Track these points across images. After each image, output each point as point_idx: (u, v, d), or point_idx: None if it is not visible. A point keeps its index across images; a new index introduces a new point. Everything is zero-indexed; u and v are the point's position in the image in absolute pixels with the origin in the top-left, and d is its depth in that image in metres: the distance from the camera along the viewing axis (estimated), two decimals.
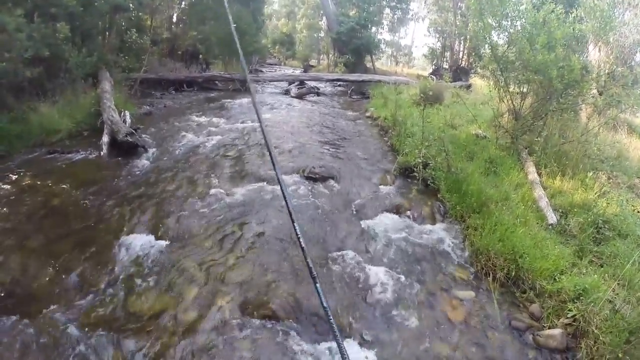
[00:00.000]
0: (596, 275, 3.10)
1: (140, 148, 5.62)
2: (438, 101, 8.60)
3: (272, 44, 29.41)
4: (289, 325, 2.73)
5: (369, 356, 2.57)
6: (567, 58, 5.19)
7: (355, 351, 2.57)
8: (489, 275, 3.42)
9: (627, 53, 7.17)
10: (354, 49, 15.91)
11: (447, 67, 17.19)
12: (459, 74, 15.25)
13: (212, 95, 11.28)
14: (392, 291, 3.16)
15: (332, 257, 3.49)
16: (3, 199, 4.03)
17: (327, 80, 14.29)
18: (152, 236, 3.55)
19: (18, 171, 4.67)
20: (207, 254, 3.41)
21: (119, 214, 3.92)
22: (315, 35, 26.70)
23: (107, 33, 8.93)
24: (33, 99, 6.09)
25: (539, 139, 5.62)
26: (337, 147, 6.48)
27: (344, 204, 4.49)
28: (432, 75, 14.95)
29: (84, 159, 5.29)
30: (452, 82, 11.37)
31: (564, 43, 5.29)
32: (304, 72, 18.85)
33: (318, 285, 1.15)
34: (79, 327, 2.58)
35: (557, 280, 3.15)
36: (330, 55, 20.68)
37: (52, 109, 6.14)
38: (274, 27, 32.44)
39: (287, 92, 12.39)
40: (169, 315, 2.73)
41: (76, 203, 4.08)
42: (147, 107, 8.43)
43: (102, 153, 5.45)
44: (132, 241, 3.44)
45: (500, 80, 6.17)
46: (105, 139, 5.64)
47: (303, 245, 1.26)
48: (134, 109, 7.37)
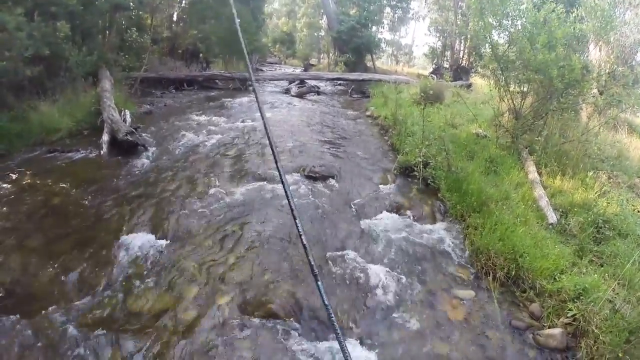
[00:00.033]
0: (596, 275, 3.10)
1: (141, 147, 5.62)
2: (438, 100, 8.59)
3: (272, 42, 29.38)
4: (289, 325, 2.73)
5: (369, 356, 2.57)
6: (567, 57, 5.18)
7: (355, 351, 2.57)
8: (489, 275, 3.42)
9: (627, 52, 7.16)
10: (355, 48, 15.88)
11: (447, 66, 17.17)
12: (460, 73, 15.24)
13: (212, 94, 11.27)
14: (392, 291, 3.17)
15: (332, 256, 3.49)
16: (3, 198, 4.04)
17: (328, 79, 14.26)
18: (152, 235, 3.56)
19: (18, 170, 4.67)
20: (207, 253, 3.41)
21: (119, 213, 3.92)
22: (315, 34, 26.65)
23: (107, 32, 8.92)
24: (33, 98, 6.08)
25: (540, 138, 5.62)
26: (338, 146, 6.48)
27: (344, 203, 4.49)
28: (433, 75, 14.93)
29: (84, 158, 5.29)
30: (452, 81, 11.36)
31: (564, 42, 5.28)
32: (304, 71, 18.85)
33: (320, 283, 1.15)
34: (78, 327, 2.59)
35: (557, 279, 3.15)
36: (331, 54, 20.64)
37: (52, 107, 6.14)
38: (274, 26, 32.37)
39: (287, 91, 12.38)
40: (169, 315, 2.73)
41: (76, 202, 4.08)
42: (148, 106, 8.42)
43: (102, 152, 5.45)
44: (132, 241, 3.44)
45: (501, 80, 6.16)
46: (105, 137, 5.64)
47: (305, 243, 1.26)
48: (134, 108, 7.37)
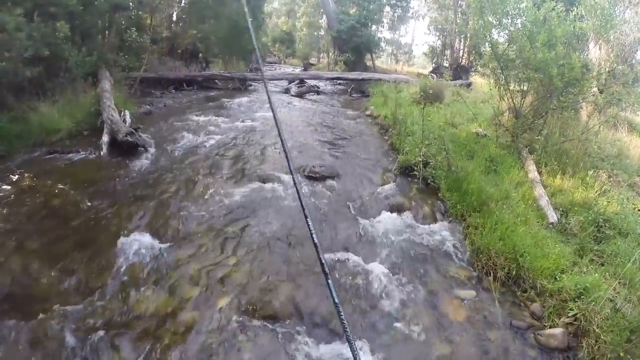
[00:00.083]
0: (597, 274, 3.10)
1: (141, 148, 5.60)
2: (438, 100, 8.59)
3: (272, 42, 29.39)
4: (290, 327, 2.73)
5: (370, 357, 2.57)
6: (567, 56, 5.18)
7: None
8: (490, 275, 3.42)
9: (627, 51, 7.15)
10: (354, 47, 15.87)
11: (447, 65, 17.18)
12: (459, 72, 15.24)
13: (211, 94, 11.26)
14: (393, 291, 3.17)
15: (333, 256, 3.49)
16: (3, 200, 4.03)
17: (327, 79, 14.26)
18: (152, 237, 3.54)
19: (18, 171, 4.66)
20: (207, 255, 3.40)
21: (119, 214, 3.92)
22: (315, 33, 26.67)
23: (106, 32, 8.90)
24: (33, 99, 6.06)
25: (540, 137, 5.61)
26: (337, 146, 6.48)
27: (345, 203, 4.49)
28: (432, 74, 14.95)
29: (84, 159, 5.28)
30: (452, 80, 11.36)
31: (564, 41, 5.28)
32: (304, 70, 18.87)
33: (330, 282, 1.15)
34: (78, 329, 2.58)
35: (558, 279, 3.15)
36: (330, 54, 20.63)
37: (52, 108, 6.12)
38: (274, 25, 32.36)
39: (287, 91, 12.38)
40: (169, 318, 2.73)
41: (76, 203, 4.07)
42: (147, 107, 8.40)
43: (102, 153, 5.43)
44: (132, 242, 3.43)
45: (501, 79, 6.16)
46: (105, 138, 5.63)
47: (316, 241, 1.26)
48: (133, 108, 7.35)
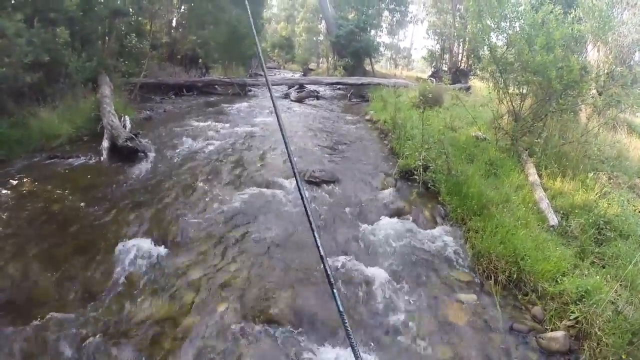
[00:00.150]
0: (598, 277, 3.09)
1: (141, 153, 5.61)
2: (437, 104, 8.63)
3: (271, 47, 29.53)
4: (292, 332, 2.72)
5: (371, 359, 2.56)
6: (566, 59, 5.19)
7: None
8: (491, 278, 3.41)
9: (626, 53, 7.16)
10: (353, 52, 15.94)
11: (446, 69, 17.23)
12: (458, 76, 15.27)
13: (211, 99, 11.29)
14: (394, 295, 3.15)
15: (333, 261, 3.48)
16: (3, 205, 4.03)
17: (327, 84, 14.30)
18: (152, 242, 3.54)
19: (18, 176, 4.67)
20: (207, 259, 3.40)
21: (119, 219, 3.91)
22: (314, 38, 26.80)
23: (106, 38, 8.95)
24: (33, 104, 6.08)
25: (539, 140, 5.61)
26: (338, 151, 6.48)
27: (345, 208, 4.48)
28: (432, 78, 14.98)
29: (84, 164, 5.28)
30: (451, 84, 11.39)
31: (562, 44, 5.29)
32: (304, 75, 18.92)
33: (335, 291, 1.18)
34: (78, 334, 2.57)
35: (559, 282, 3.14)
36: (330, 59, 20.72)
37: (52, 114, 6.14)
38: (273, 31, 32.52)
39: (286, 96, 12.42)
40: (169, 322, 2.72)
41: (76, 209, 4.07)
42: (147, 112, 8.44)
43: (102, 158, 5.44)
44: (132, 247, 3.42)
45: (500, 82, 6.17)
46: (105, 144, 5.64)
47: (322, 253, 1.27)
48: (133, 114, 7.38)
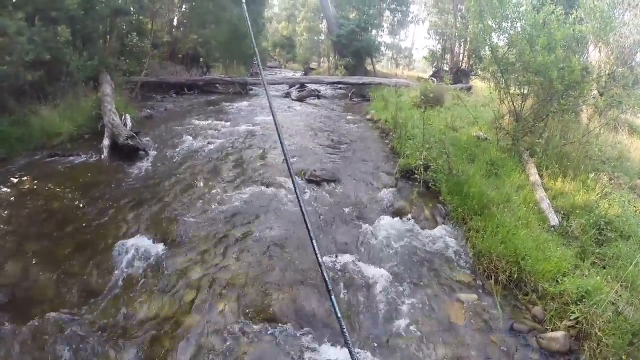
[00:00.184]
0: (599, 277, 3.08)
1: (141, 151, 5.62)
2: (439, 103, 8.63)
3: (272, 46, 29.55)
4: (291, 330, 2.71)
5: (371, 359, 2.56)
6: (567, 59, 5.18)
7: (358, 355, 2.55)
8: (491, 278, 3.41)
9: (627, 53, 7.14)
10: (354, 52, 15.94)
11: (447, 69, 17.24)
12: (460, 76, 15.27)
13: (212, 98, 11.30)
14: (395, 294, 3.15)
15: (334, 260, 3.48)
16: (4, 202, 4.04)
17: (328, 83, 14.31)
18: (152, 241, 3.54)
19: (19, 174, 4.68)
20: (207, 257, 3.40)
21: (120, 217, 3.92)
22: (315, 38, 26.77)
23: (107, 36, 8.95)
24: (34, 102, 6.09)
25: (540, 140, 5.61)
26: (338, 150, 6.48)
27: (345, 207, 4.48)
28: (433, 78, 14.99)
29: (85, 162, 5.29)
30: (452, 84, 11.40)
31: (564, 44, 5.28)
32: (305, 74, 18.91)
33: (333, 298, 1.19)
34: (78, 332, 2.57)
35: (560, 282, 3.13)
36: (331, 58, 20.73)
37: (53, 112, 6.15)
38: (274, 30, 32.54)
39: (287, 95, 12.42)
40: (169, 321, 2.72)
41: (76, 206, 4.08)
42: (148, 110, 8.45)
43: (102, 156, 5.45)
44: (132, 246, 3.42)
45: (501, 82, 6.16)
46: (106, 142, 5.65)
47: (320, 261, 1.27)
48: (134, 112, 7.38)
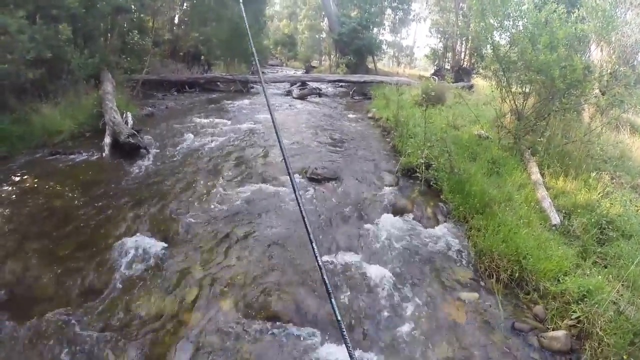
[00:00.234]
0: (600, 277, 3.08)
1: (142, 149, 5.62)
2: (440, 102, 8.61)
3: (273, 45, 29.49)
4: (292, 329, 2.72)
5: (372, 358, 2.56)
6: (569, 58, 5.17)
7: (359, 354, 2.55)
8: (493, 277, 3.40)
9: (629, 52, 7.12)
10: (356, 50, 15.90)
11: (449, 67, 17.20)
12: (461, 74, 15.24)
13: (213, 96, 11.30)
14: (396, 293, 3.15)
15: (335, 259, 3.48)
16: (5, 200, 4.05)
17: (329, 81, 14.28)
18: (154, 239, 3.55)
19: (20, 172, 4.68)
20: (209, 256, 3.40)
21: (121, 215, 3.92)
22: (316, 36, 26.71)
23: (109, 34, 8.96)
24: (35, 101, 6.10)
25: (542, 139, 5.60)
26: (339, 148, 6.48)
27: (347, 205, 4.48)
28: (434, 76, 14.94)
29: (86, 161, 5.29)
30: (454, 82, 11.38)
31: (566, 43, 5.27)
32: (306, 73, 18.85)
33: (333, 301, 1.19)
34: (79, 330, 2.57)
35: (561, 281, 3.13)
36: (332, 56, 20.68)
37: (54, 110, 6.15)
38: (275, 28, 32.46)
39: (289, 93, 12.41)
40: (171, 319, 2.72)
41: (78, 205, 4.08)
42: (149, 109, 8.44)
43: (104, 154, 5.45)
44: (133, 244, 3.43)
45: (503, 81, 6.15)
46: (107, 140, 5.65)
47: (320, 264, 1.28)
48: (136, 110, 7.38)
